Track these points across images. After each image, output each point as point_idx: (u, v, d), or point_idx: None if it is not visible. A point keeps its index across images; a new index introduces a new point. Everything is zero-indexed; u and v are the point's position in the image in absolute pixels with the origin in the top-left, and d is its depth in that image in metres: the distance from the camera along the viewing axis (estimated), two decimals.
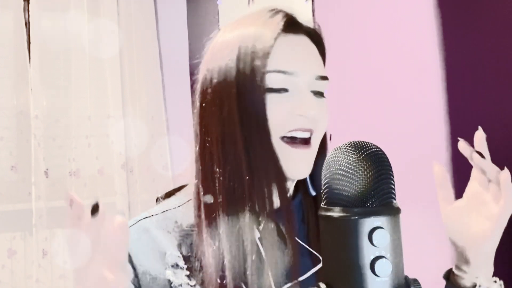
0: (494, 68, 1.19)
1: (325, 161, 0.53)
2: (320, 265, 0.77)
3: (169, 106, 2.96)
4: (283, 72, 0.76)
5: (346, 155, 0.51)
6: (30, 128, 2.61)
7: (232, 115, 0.76)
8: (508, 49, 1.15)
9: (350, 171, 0.50)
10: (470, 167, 0.83)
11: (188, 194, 0.83)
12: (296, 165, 0.77)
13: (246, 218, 0.75)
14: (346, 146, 0.52)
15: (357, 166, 0.50)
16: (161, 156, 2.85)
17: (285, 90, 0.77)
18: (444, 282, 0.93)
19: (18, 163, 2.65)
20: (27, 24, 2.71)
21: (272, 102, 0.76)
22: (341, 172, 0.51)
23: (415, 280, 0.52)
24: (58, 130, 2.71)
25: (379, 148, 0.52)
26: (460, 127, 1.28)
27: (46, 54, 2.70)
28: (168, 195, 0.89)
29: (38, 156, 2.60)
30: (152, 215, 0.82)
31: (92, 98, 2.74)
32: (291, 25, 0.80)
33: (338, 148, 0.52)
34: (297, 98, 0.77)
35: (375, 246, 0.48)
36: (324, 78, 0.81)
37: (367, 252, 0.48)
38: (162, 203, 0.85)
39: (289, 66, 0.77)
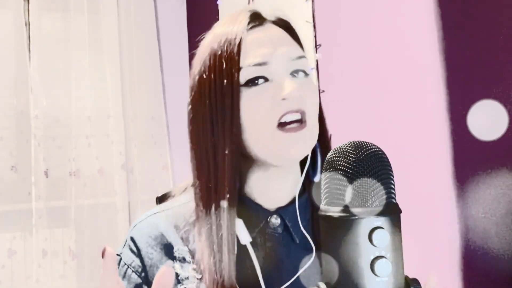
0: (494, 68, 1.19)
1: (325, 161, 0.53)
2: (311, 259, 0.78)
3: (169, 106, 2.96)
4: (255, 65, 0.78)
5: (346, 155, 0.51)
6: (30, 128, 2.61)
7: (205, 124, 0.80)
8: (508, 49, 1.15)
9: (350, 171, 0.50)
10: (470, 167, 0.83)
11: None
12: (290, 148, 0.77)
13: (224, 219, 0.77)
14: (346, 146, 0.52)
15: (357, 166, 0.50)
16: (161, 156, 2.85)
17: (265, 79, 0.78)
18: (444, 282, 0.93)
19: (18, 163, 2.65)
20: (27, 24, 2.71)
21: (254, 96, 0.77)
22: (341, 172, 0.51)
23: (415, 280, 0.52)
24: (58, 130, 2.71)
25: (379, 148, 0.52)
26: (460, 127, 1.28)
27: (46, 54, 2.70)
28: (164, 197, 0.91)
29: (38, 156, 2.59)
30: (163, 211, 0.85)
31: (92, 98, 2.74)
32: (255, 19, 0.83)
33: (338, 148, 0.52)
34: (276, 85, 0.78)
35: (375, 246, 0.48)
36: (299, 57, 0.81)
37: (367, 252, 0.48)
38: (173, 200, 0.88)
39: (259, 58, 0.78)
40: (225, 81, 0.77)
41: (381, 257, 0.48)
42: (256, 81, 0.78)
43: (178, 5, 3.08)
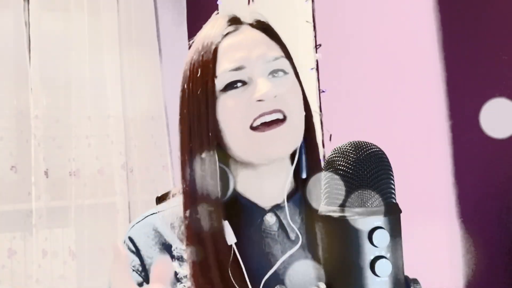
0: (494, 68, 1.19)
1: (325, 161, 0.53)
2: (296, 247, 0.80)
3: (169, 106, 2.96)
4: (231, 70, 0.79)
5: (346, 155, 0.51)
6: (30, 128, 2.61)
7: (184, 128, 0.82)
8: (509, 49, 1.15)
9: (350, 171, 0.50)
10: (470, 168, 0.83)
11: None
12: (266, 147, 0.77)
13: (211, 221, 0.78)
14: (346, 146, 0.52)
15: (357, 166, 0.50)
16: (161, 156, 2.85)
17: (243, 83, 0.79)
18: (444, 282, 0.93)
19: (18, 163, 2.65)
20: (27, 24, 2.71)
21: (232, 100, 0.78)
22: (341, 172, 0.51)
23: (415, 280, 0.52)
24: (58, 130, 2.71)
25: (379, 148, 0.52)
26: (460, 127, 1.28)
27: (46, 54, 2.70)
28: (164, 197, 0.92)
29: (38, 156, 2.60)
30: (159, 211, 0.86)
31: (92, 98, 2.74)
32: (232, 24, 0.84)
33: (338, 148, 0.52)
34: (252, 87, 0.78)
35: (375, 246, 0.48)
36: (276, 58, 0.81)
37: (367, 252, 0.48)
38: (169, 201, 0.88)
39: (234, 63, 0.79)
40: (200, 89, 0.79)
41: (381, 257, 0.48)
42: (234, 85, 0.79)
43: (178, 5, 3.08)
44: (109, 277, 0.80)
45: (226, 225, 0.79)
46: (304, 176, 0.84)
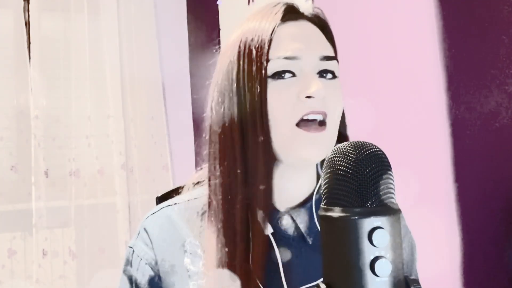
0: (494, 68, 1.19)
1: (325, 161, 0.53)
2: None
3: (169, 106, 2.96)
4: (286, 58, 0.76)
5: (346, 155, 0.51)
6: (30, 128, 2.61)
7: (232, 111, 0.77)
8: (509, 49, 1.15)
9: (350, 171, 0.50)
10: (470, 168, 0.83)
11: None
12: (308, 149, 0.75)
13: (246, 214, 0.75)
14: (346, 146, 0.52)
15: (357, 166, 0.50)
16: (161, 156, 2.85)
17: (292, 74, 0.76)
18: (444, 282, 0.93)
19: (18, 163, 2.65)
20: (27, 24, 2.71)
21: (279, 90, 0.75)
22: (341, 172, 0.51)
23: (415, 280, 0.52)
24: (58, 130, 2.71)
25: (379, 148, 0.52)
26: (460, 127, 1.28)
27: (46, 54, 2.70)
28: (165, 197, 0.89)
29: (38, 156, 2.60)
30: (175, 204, 0.83)
31: (92, 98, 2.74)
32: (290, 13, 0.81)
33: (338, 148, 0.52)
34: (302, 81, 0.76)
35: (375, 246, 0.48)
36: (330, 58, 0.79)
37: (367, 252, 0.48)
38: (185, 194, 0.86)
39: (290, 51, 0.76)
40: (254, 68, 0.75)
41: (381, 257, 0.48)
42: (283, 75, 0.76)
43: (178, 5, 3.08)
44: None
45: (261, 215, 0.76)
46: None
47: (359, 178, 0.50)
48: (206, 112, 0.83)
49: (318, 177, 0.84)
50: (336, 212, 0.50)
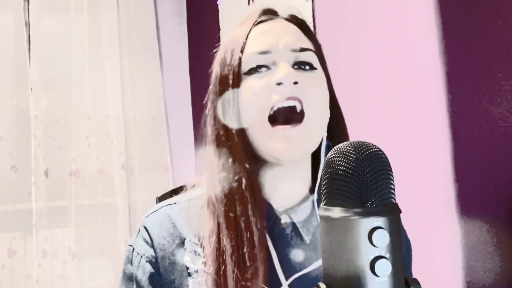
0: (494, 68, 1.19)
1: (325, 161, 0.53)
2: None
3: (169, 106, 2.96)
4: (258, 53, 0.78)
5: (346, 155, 0.51)
6: (30, 128, 2.61)
7: (216, 111, 0.81)
8: (509, 49, 1.15)
9: (350, 171, 0.50)
10: (470, 168, 0.83)
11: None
12: (278, 145, 0.76)
13: (241, 210, 0.76)
14: (346, 146, 0.52)
15: (357, 166, 0.50)
16: (161, 156, 2.86)
17: (267, 68, 0.78)
18: (444, 282, 0.93)
19: (18, 163, 2.65)
20: (27, 24, 2.71)
21: (252, 82, 0.78)
22: (341, 172, 0.51)
23: (415, 280, 0.52)
24: (58, 130, 2.72)
25: (379, 148, 0.52)
26: (460, 127, 1.29)
27: (46, 54, 2.70)
28: (165, 197, 0.90)
29: (38, 156, 2.60)
30: (175, 203, 0.84)
31: (92, 98, 2.74)
32: (266, 14, 0.84)
33: (338, 148, 0.52)
34: (274, 71, 0.78)
35: (375, 246, 0.48)
36: (304, 49, 0.80)
37: (367, 252, 0.48)
38: (186, 193, 0.87)
39: (263, 46, 0.79)
40: (227, 68, 0.79)
41: (381, 257, 0.48)
42: (258, 70, 0.78)
43: (178, 5, 3.09)
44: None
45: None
46: None
47: (359, 178, 0.50)
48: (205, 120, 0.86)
49: (315, 175, 0.83)
50: (336, 212, 0.50)
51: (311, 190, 0.84)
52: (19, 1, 2.71)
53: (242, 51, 0.79)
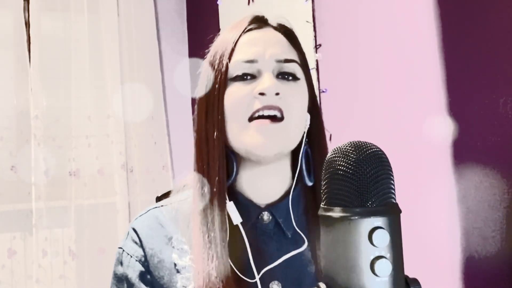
0: (494, 68, 1.19)
1: (325, 160, 0.53)
2: (302, 248, 0.81)
3: (169, 106, 2.96)
4: (244, 61, 0.82)
5: (346, 155, 0.51)
6: (30, 128, 2.61)
7: (200, 110, 0.84)
8: (509, 49, 1.15)
9: (350, 171, 0.50)
10: (470, 167, 0.83)
11: None
12: (254, 139, 0.79)
13: (216, 207, 0.80)
14: (346, 146, 0.52)
15: (357, 166, 0.50)
16: (161, 156, 2.86)
17: (253, 76, 0.82)
18: (444, 282, 0.93)
19: (18, 163, 2.65)
20: (27, 24, 2.71)
21: (238, 90, 0.81)
22: (341, 172, 0.51)
23: (415, 280, 0.52)
24: (58, 130, 2.72)
25: (379, 148, 0.52)
26: (460, 127, 1.29)
27: (46, 54, 2.70)
28: (164, 197, 0.95)
29: (38, 156, 2.60)
30: (162, 206, 0.89)
31: (92, 98, 2.74)
32: (255, 22, 0.87)
33: (338, 148, 0.52)
34: (258, 80, 0.81)
35: (375, 246, 0.48)
36: (288, 60, 0.83)
37: (367, 252, 0.48)
38: (173, 196, 0.91)
39: (249, 55, 0.82)
40: (214, 74, 0.83)
41: (381, 257, 0.48)
42: (244, 77, 0.82)
43: (178, 5, 3.09)
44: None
45: (231, 206, 0.81)
46: (310, 183, 0.85)
47: (359, 178, 0.50)
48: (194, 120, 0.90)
49: (294, 174, 0.87)
50: (336, 212, 0.50)
51: (295, 185, 0.87)
52: (19, 1, 2.71)
53: (230, 58, 0.82)
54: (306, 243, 0.82)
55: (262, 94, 0.79)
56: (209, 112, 0.82)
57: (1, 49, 2.68)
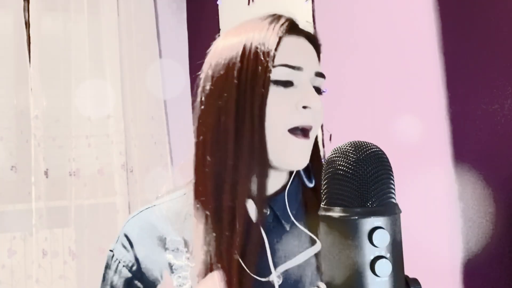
0: (494, 68, 1.19)
1: (325, 160, 0.53)
2: (315, 247, 0.81)
3: (169, 106, 2.96)
4: (289, 66, 0.80)
5: (346, 155, 0.51)
6: (30, 128, 2.61)
7: (229, 105, 0.79)
8: (509, 49, 1.15)
9: (350, 171, 0.50)
10: (470, 167, 0.83)
11: (191, 186, 0.87)
12: (297, 155, 0.80)
13: (233, 203, 0.79)
14: (346, 146, 0.52)
15: (357, 166, 0.50)
16: (161, 156, 2.86)
17: (291, 83, 0.81)
18: (444, 282, 0.93)
19: (18, 163, 2.65)
20: (27, 24, 2.71)
21: (278, 96, 0.79)
22: (341, 172, 0.51)
23: (415, 280, 0.52)
24: (58, 130, 2.71)
25: (379, 148, 0.52)
26: (460, 127, 1.29)
27: (46, 54, 2.70)
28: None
29: (38, 156, 2.60)
30: (155, 205, 0.88)
31: (92, 98, 2.74)
32: (292, 28, 0.85)
33: (338, 148, 0.52)
34: (301, 91, 0.81)
35: (375, 246, 0.48)
36: (322, 75, 0.85)
37: (367, 252, 0.48)
38: (165, 196, 0.91)
39: (294, 61, 0.80)
40: (260, 70, 0.78)
41: (381, 257, 0.48)
42: (284, 83, 0.80)
43: (178, 5, 3.09)
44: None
45: (251, 203, 0.80)
46: (310, 185, 0.86)
47: (359, 178, 0.50)
48: (195, 103, 0.86)
49: (291, 172, 0.88)
50: (336, 212, 0.50)
51: (293, 178, 0.88)
52: (19, 1, 2.71)
53: (274, 59, 0.79)
54: (317, 242, 0.81)
55: (305, 107, 0.79)
56: (246, 111, 0.78)
57: (1, 49, 2.68)
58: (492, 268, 1.19)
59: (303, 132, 0.80)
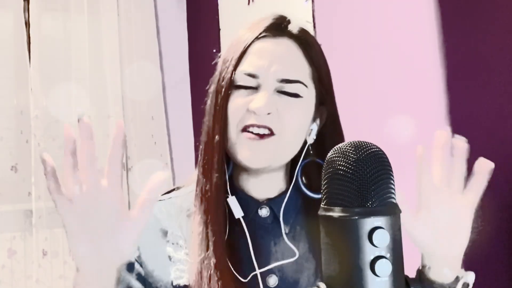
0: (494, 67, 1.19)
1: (325, 160, 0.53)
2: (294, 258, 0.83)
3: (169, 106, 2.96)
4: (245, 73, 0.83)
5: (346, 155, 0.51)
6: (30, 128, 2.61)
7: (210, 105, 0.86)
8: (509, 49, 1.15)
9: (350, 171, 0.50)
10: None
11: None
12: (246, 153, 0.82)
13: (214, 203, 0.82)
14: (346, 146, 0.52)
15: (357, 166, 0.50)
16: (161, 156, 2.85)
17: (255, 88, 0.83)
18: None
19: (18, 163, 2.65)
20: (27, 24, 2.71)
21: (237, 97, 0.83)
22: (341, 172, 0.51)
23: (415, 280, 0.52)
24: (58, 130, 2.71)
25: (379, 148, 0.52)
26: (460, 127, 1.28)
27: (46, 54, 2.70)
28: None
29: (38, 156, 2.59)
30: (160, 200, 0.91)
31: (92, 98, 2.74)
32: (272, 29, 0.86)
33: (338, 148, 0.52)
34: (255, 95, 0.83)
35: (375, 246, 0.48)
36: (291, 81, 0.83)
37: (367, 252, 0.48)
38: (171, 192, 0.93)
39: (251, 68, 0.83)
40: (225, 74, 0.84)
41: (381, 257, 0.48)
42: (246, 87, 0.84)
43: (178, 4, 3.08)
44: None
45: (233, 200, 0.83)
46: (314, 196, 0.87)
47: (359, 178, 0.50)
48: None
49: (292, 174, 0.89)
50: (336, 212, 0.50)
51: (294, 182, 0.89)
52: (19, 1, 2.71)
53: (236, 66, 0.84)
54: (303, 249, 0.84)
55: (248, 110, 0.82)
56: (216, 115, 0.84)
57: (1, 49, 2.68)
58: (491, 268, 1.19)
59: (259, 133, 0.81)
